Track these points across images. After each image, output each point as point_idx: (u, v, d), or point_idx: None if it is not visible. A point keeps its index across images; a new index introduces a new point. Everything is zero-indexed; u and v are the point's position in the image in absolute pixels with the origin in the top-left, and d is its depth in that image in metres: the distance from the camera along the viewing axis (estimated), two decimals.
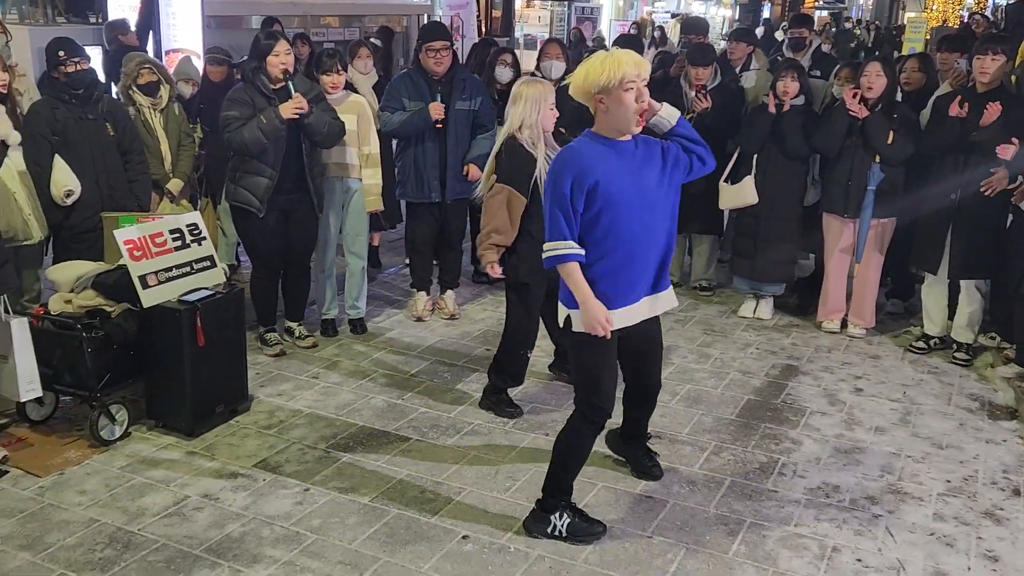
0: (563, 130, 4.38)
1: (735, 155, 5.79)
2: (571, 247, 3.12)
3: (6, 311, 3.82)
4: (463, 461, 4.01)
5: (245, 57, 6.34)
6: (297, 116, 4.69)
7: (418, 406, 4.57)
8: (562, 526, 3.38)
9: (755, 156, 5.67)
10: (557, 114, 4.25)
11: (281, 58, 4.73)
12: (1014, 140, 4.57)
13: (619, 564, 3.28)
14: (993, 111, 4.78)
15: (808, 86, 5.75)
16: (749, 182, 5.67)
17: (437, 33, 5.60)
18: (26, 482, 3.73)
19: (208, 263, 4.41)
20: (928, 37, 17.86)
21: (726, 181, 5.82)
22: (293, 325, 5.37)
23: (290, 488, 3.76)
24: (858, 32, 22.69)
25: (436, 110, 5.38)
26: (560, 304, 3.30)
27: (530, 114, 4.13)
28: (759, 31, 17.32)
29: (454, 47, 5.63)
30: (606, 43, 11.83)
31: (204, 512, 3.56)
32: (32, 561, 3.23)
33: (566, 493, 3.43)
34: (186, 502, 3.63)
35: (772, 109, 5.54)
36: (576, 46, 11.86)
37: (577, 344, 3.28)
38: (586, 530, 3.41)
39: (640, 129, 3.15)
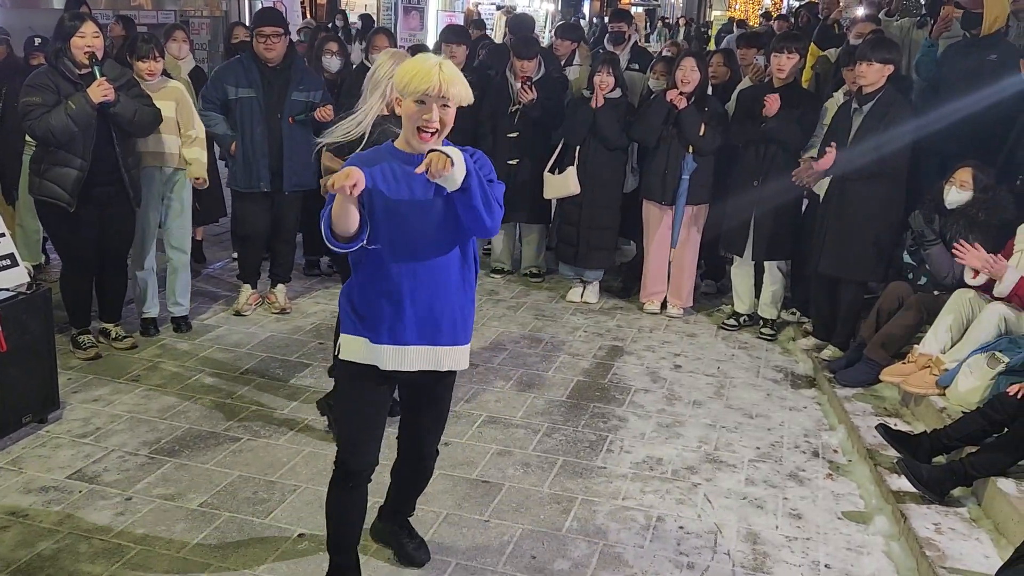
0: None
1: (559, 146, 5.98)
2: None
3: None
4: (298, 458, 3.94)
5: (38, 39, 5.90)
6: (106, 99, 4.41)
7: (249, 404, 4.44)
8: None
9: (577, 147, 5.88)
10: None
11: (87, 40, 4.43)
12: (832, 146, 4.83)
13: (457, 549, 3.34)
14: (772, 102, 5.18)
15: (623, 79, 6.01)
16: (572, 172, 5.88)
17: (268, 19, 5.43)
18: None
19: (8, 262, 4.08)
20: (713, 34, 19.28)
21: (551, 171, 6.01)
22: (109, 326, 5.06)
23: (109, 499, 3.56)
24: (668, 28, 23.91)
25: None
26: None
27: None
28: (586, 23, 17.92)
29: (288, 35, 5.48)
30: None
31: (11, 531, 3.32)
32: None
33: (345, 552, 2.99)
34: None
35: (599, 103, 5.74)
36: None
37: (338, 378, 2.82)
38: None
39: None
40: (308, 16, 14.77)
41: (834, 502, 3.79)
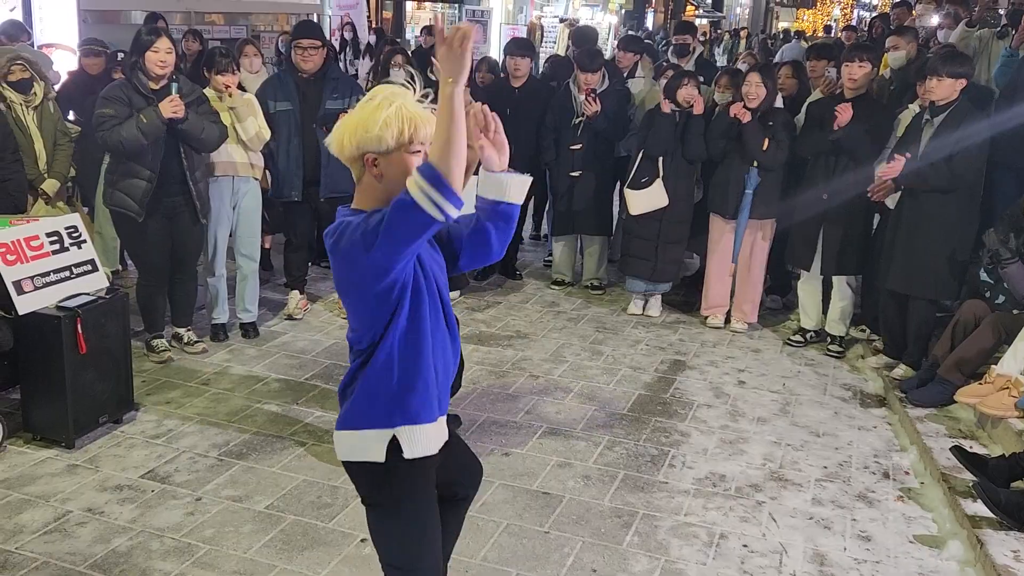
0: None
1: (638, 160, 5.88)
2: None
3: None
4: None
5: (121, 53, 6.13)
6: (176, 116, 4.56)
7: (314, 410, 4.52)
8: None
9: (660, 160, 5.82)
10: None
11: (161, 56, 4.58)
12: (902, 156, 4.73)
13: (517, 560, 3.34)
14: (844, 112, 5.07)
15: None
16: (660, 185, 5.80)
17: (307, 31, 5.64)
18: None
19: (89, 267, 4.24)
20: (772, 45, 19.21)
21: (630, 187, 5.92)
22: (181, 331, 5.21)
23: (180, 498, 3.66)
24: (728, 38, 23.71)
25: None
26: (343, 433, 2.41)
27: None
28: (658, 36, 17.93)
29: (327, 47, 5.63)
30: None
31: (88, 527, 3.43)
32: None
33: None
34: (68, 517, 3.48)
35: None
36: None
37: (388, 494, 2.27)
38: None
39: None
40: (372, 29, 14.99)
41: (905, 525, 3.68)
